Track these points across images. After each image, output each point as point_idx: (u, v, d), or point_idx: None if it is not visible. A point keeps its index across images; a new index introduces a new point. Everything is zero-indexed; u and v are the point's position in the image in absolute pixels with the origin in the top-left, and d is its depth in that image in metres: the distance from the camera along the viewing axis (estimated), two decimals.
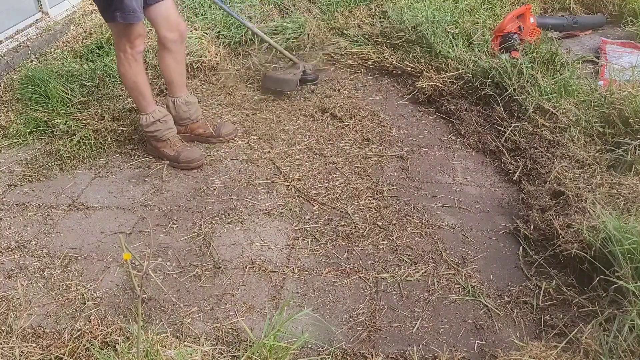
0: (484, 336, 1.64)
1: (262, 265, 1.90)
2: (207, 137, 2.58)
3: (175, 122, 2.50)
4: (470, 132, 2.60)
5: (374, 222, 2.09)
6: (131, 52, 2.17)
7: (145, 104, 2.33)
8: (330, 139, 2.59)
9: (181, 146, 2.44)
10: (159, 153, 2.45)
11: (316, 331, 1.65)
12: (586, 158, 2.16)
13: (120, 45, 2.17)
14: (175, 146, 2.42)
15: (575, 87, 2.55)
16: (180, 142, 2.46)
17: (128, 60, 2.19)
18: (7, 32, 3.49)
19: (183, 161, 2.40)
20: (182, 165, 2.40)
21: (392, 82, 3.12)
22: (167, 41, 2.30)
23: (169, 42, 2.30)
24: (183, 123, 2.55)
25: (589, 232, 1.74)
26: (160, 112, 2.38)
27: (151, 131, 2.38)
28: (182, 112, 2.50)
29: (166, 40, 2.30)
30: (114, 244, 2.00)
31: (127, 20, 2.06)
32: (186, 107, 2.50)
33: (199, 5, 3.59)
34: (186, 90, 2.52)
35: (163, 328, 1.65)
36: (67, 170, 2.41)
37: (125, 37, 2.13)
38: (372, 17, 3.44)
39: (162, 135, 2.40)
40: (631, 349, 1.44)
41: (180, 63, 2.42)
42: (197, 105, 2.56)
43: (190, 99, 2.52)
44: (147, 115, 2.35)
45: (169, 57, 2.35)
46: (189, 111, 2.51)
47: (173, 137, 2.44)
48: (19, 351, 1.51)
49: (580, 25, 3.63)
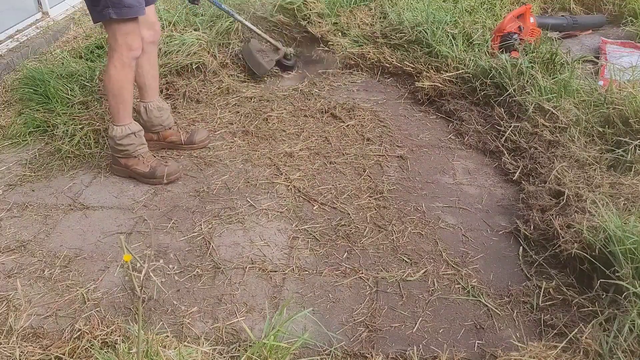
0: (484, 336, 1.64)
1: (262, 265, 1.90)
2: (180, 145, 2.50)
3: (146, 128, 2.40)
4: (470, 132, 2.60)
5: (374, 222, 2.09)
6: (127, 55, 2.04)
7: (124, 115, 2.20)
8: (330, 139, 2.59)
9: (155, 161, 2.31)
10: (129, 172, 2.31)
11: (316, 331, 1.65)
12: (586, 158, 2.16)
13: (117, 46, 2.03)
14: (148, 162, 2.29)
15: (575, 87, 2.55)
16: (153, 156, 2.33)
17: (122, 63, 2.06)
18: (7, 32, 3.49)
19: (160, 176, 2.27)
20: (159, 180, 2.28)
21: (392, 82, 3.12)
22: (143, 41, 2.17)
23: (145, 42, 2.18)
24: (155, 130, 2.45)
25: (589, 232, 1.74)
26: (136, 125, 2.25)
27: (123, 145, 2.22)
28: (154, 117, 2.40)
29: (143, 40, 2.16)
30: (114, 244, 2.00)
31: (123, 16, 1.92)
32: (158, 112, 2.40)
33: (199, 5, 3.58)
34: (158, 95, 2.42)
35: (163, 328, 1.65)
36: (67, 170, 2.41)
37: (122, 37, 1.99)
38: (372, 18, 3.44)
39: (135, 150, 2.26)
40: (631, 349, 1.44)
41: (154, 66, 2.33)
42: (169, 112, 2.47)
43: (162, 104, 2.43)
44: (123, 127, 2.20)
45: (143, 59, 2.21)
46: (161, 117, 2.41)
47: (145, 153, 2.30)
48: (19, 351, 1.51)
49: (580, 25, 3.63)
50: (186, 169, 2.41)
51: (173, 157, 2.49)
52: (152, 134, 2.46)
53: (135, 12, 1.96)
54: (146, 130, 2.42)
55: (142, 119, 2.41)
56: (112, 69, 2.09)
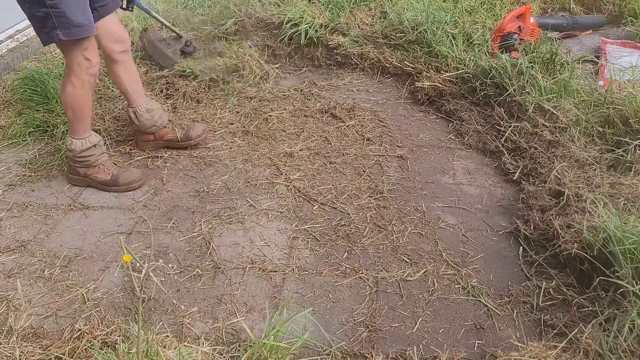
0: (484, 336, 1.64)
1: (262, 265, 1.90)
2: (177, 142, 2.50)
3: (141, 131, 2.43)
4: (470, 132, 2.60)
5: (374, 222, 2.09)
6: (85, 72, 2.01)
7: (83, 129, 2.18)
8: (330, 139, 2.59)
9: (116, 168, 2.29)
10: (88, 181, 2.28)
11: (316, 331, 1.65)
12: (586, 158, 2.16)
13: (73, 65, 1.99)
14: (109, 169, 2.26)
15: (575, 87, 2.55)
16: (113, 164, 2.32)
17: (81, 81, 2.03)
18: (7, 32, 3.49)
19: (123, 184, 2.25)
20: (121, 188, 2.26)
21: (392, 82, 3.12)
22: (114, 53, 2.19)
23: (116, 53, 2.20)
24: (150, 131, 2.44)
25: (589, 232, 1.74)
26: (96, 136, 2.24)
27: (84, 157, 2.21)
28: (145, 120, 2.39)
29: (112, 52, 2.19)
30: (114, 244, 2.00)
31: (72, 37, 1.88)
32: (148, 114, 2.39)
33: (199, 5, 3.59)
34: (145, 98, 2.41)
35: (163, 328, 1.65)
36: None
37: (77, 55, 1.96)
38: (372, 18, 3.44)
39: (96, 160, 2.24)
40: (631, 349, 1.44)
41: (132, 71, 2.32)
42: (160, 111, 2.45)
43: (152, 105, 2.42)
44: (83, 140, 2.18)
45: (119, 68, 2.24)
46: (152, 118, 2.41)
47: (106, 161, 2.28)
48: (19, 351, 1.51)
49: (580, 25, 3.63)
50: (186, 168, 2.41)
51: (173, 157, 2.49)
52: (148, 135, 2.46)
53: (85, 32, 1.91)
54: (141, 133, 2.45)
55: (135, 124, 2.41)
56: (69, 86, 2.06)
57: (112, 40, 2.17)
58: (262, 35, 3.37)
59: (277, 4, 3.48)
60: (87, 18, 1.91)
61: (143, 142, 2.50)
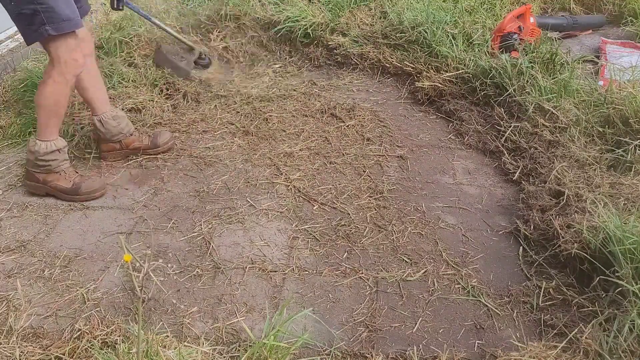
0: (484, 336, 1.64)
1: (262, 265, 1.90)
2: (144, 150, 2.45)
3: (106, 140, 2.38)
4: (470, 132, 2.60)
5: (374, 222, 2.09)
6: (70, 71, 1.97)
7: (51, 131, 2.12)
8: (330, 139, 2.59)
9: (77, 177, 2.22)
10: (47, 189, 2.20)
11: (316, 331, 1.65)
12: (586, 158, 2.16)
13: (59, 63, 1.94)
14: (71, 177, 2.20)
15: (575, 87, 2.55)
16: (75, 172, 2.25)
17: (65, 80, 1.98)
18: (7, 32, 3.49)
19: (84, 192, 2.19)
20: (82, 197, 2.20)
21: (392, 82, 3.12)
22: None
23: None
24: (116, 139, 2.39)
25: (589, 232, 1.74)
26: (62, 141, 2.18)
27: (46, 161, 2.14)
28: (111, 127, 2.35)
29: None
30: (114, 244, 2.00)
31: (62, 31, 1.84)
32: (115, 122, 2.35)
33: (199, 5, 3.59)
34: (110, 105, 2.37)
35: (163, 328, 1.65)
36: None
37: (65, 53, 1.92)
38: (372, 18, 3.44)
39: (57, 166, 2.17)
40: (631, 349, 1.44)
41: (96, 77, 2.27)
42: (126, 118, 2.42)
43: (118, 112, 2.39)
44: (49, 142, 2.12)
45: (82, 73, 2.15)
46: (118, 126, 2.36)
47: (68, 168, 2.21)
48: (19, 351, 1.51)
49: (580, 25, 3.63)
50: (186, 168, 2.41)
51: (173, 157, 2.49)
52: (114, 143, 2.41)
53: (74, 25, 1.88)
54: (107, 142, 2.38)
55: (101, 132, 2.35)
56: (51, 84, 2.00)
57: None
58: (262, 35, 3.37)
59: (276, 3, 3.48)
60: (73, 11, 1.89)
61: (107, 152, 2.43)
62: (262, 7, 3.46)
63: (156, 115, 2.72)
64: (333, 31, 3.33)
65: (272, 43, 3.37)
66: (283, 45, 3.37)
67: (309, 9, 3.38)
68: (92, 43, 2.21)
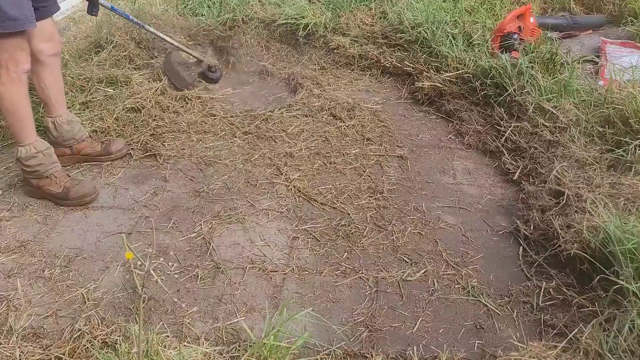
0: (484, 336, 1.64)
1: (262, 265, 1.90)
2: (96, 157, 2.41)
3: (57, 144, 2.31)
4: (470, 132, 2.60)
5: (374, 222, 2.09)
6: (14, 70, 1.91)
7: (26, 134, 2.07)
8: (330, 139, 2.59)
9: (69, 181, 2.19)
10: (42, 193, 2.18)
11: (316, 331, 1.65)
12: (586, 158, 2.16)
13: (2, 62, 1.89)
14: (61, 182, 2.16)
15: (575, 87, 2.55)
16: (67, 176, 2.21)
17: (11, 79, 1.92)
18: None
19: (74, 197, 2.16)
20: (73, 202, 2.17)
21: (392, 82, 3.12)
22: (42, 54, 2.09)
23: (44, 55, 2.10)
24: (68, 144, 2.35)
25: (589, 232, 1.74)
26: (42, 143, 2.13)
27: (32, 166, 2.11)
28: (64, 132, 2.30)
29: (41, 53, 2.08)
30: (114, 244, 2.00)
31: (6, 30, 1.81)
32: (69, 126, 2.30)
33: (199, 6, 3.59)
34: (66, 109, 2.32)
35: (163, 328, 1.65)
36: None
37: (7, 52, 1.88)
38: (372, 18, 3.44)
39: (46, 170, 2.14)
40: (631, 349, 1.44)
41: (58, 78, 2.22)
42: (80, 124, 2.37)
43: (72, 117, 2.33)
44: (28, 147, 2.08)
45: (45, 72, 2.13)
46: (72, 130, 2.31)
47: (58, 172, 2.17)
48: (19, 351, 1.51)
49: (580, 25, 3.63)
50: (186, 168, 2.41)
51: (173, 157, 2.48)
52: (65, 148, 2.36)
53: (20, 26, 1.84)
54: (58, 146, 2.32)
55: (52, 135, 2.30)
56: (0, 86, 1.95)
57: (44, 40, 2.08)
58: (262, 36, 3.37)
59: (277, 4, 3.48)
60: (23, 13, 1.84)
61: (58, 157, 2.30)
62: (262, 7, 3.46)
63: (155, 116, 2.71)
64: (333, 31, 3.33)
65: (273, 43, 3.37)
66: (283, 45, 3.37)
67: (310, 8, 3.38)
68: (58, 43, 2.18)
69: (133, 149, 2.53)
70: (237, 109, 2.87)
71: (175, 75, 2.94)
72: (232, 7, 3.45)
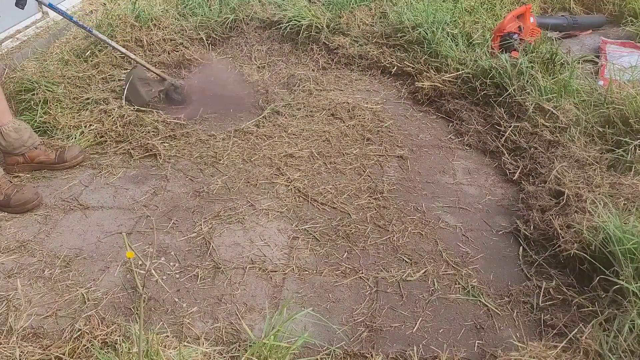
0: (484, 336, 1.64)
1: (262, 265, 1.90)
2: (50, 165, 2.36)
3: (9, 153, 2.28)
4: (470, 132, 2.60)
5: (374, 222, 2.09)
6: None
7: None
8: (330, 139, 2.59)
9: (10, 187, 2.13)
10: None
11: (316, 331, 1.65)
12: (586, 158, 2.16)
13: None
14: (3, 188, 2.12)
15: (575, 87, 2.55)
16: (9, 182, 2.15)
17: None
18: (8, 32, 3.49)
19: (15, 205, 2.11)
20: (14, 209, 2.12)
21: (392, 82, 3.12)
22: None
23: None
24: (19, 152, 2.29)
25: (589, 232, 1.74)
26: None
27: None
28: (13, 140, 2.24)
29: None
30: (114, 244, 2.00)
31: None
32: (16, 134, 2.25)
33: (198, 6, 3.59)
34: (11, 116, 2.26)
35: (163, 328, 1.65)
36: (67, 170, 2.41)
37: None
38: (372, 18, 3.44)
39: None
40: (631, 349, 1.44)
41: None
42: (30, 130, 2.31)
43: (19, 124, 2.28)
44: None
45: None
46: (20, 138, 2.26)
47: (1, 178, 2.14)
48: (19, 351, 1.51)
49: (580, 25, 3.63)
50: (186, 169, 2.41)
51: (173, 157, 2.48)
52: (17, 157, 2.31)
53: None
54: (9, 155, 2.29)
55: (1, 145, 2.26)
56: None
57: None
58: (262, 36, 3.37)
59: (277, 4, 3.49)
60: None
61: (10, 165, 2.32)
62: (263, 8, 3.47)
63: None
64: (334, 31, 3.33)
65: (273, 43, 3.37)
66: (284, 44, 3.37)
67: (310, 9, 3.38)
68: None
69: (133, 148, 2.53)
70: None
71: (133, 91, 2.72)
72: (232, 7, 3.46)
